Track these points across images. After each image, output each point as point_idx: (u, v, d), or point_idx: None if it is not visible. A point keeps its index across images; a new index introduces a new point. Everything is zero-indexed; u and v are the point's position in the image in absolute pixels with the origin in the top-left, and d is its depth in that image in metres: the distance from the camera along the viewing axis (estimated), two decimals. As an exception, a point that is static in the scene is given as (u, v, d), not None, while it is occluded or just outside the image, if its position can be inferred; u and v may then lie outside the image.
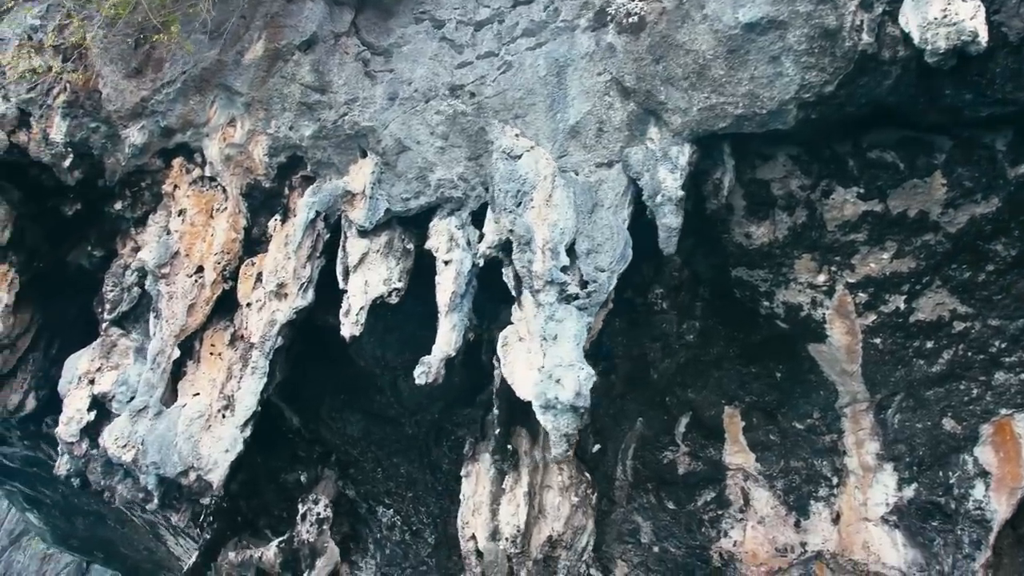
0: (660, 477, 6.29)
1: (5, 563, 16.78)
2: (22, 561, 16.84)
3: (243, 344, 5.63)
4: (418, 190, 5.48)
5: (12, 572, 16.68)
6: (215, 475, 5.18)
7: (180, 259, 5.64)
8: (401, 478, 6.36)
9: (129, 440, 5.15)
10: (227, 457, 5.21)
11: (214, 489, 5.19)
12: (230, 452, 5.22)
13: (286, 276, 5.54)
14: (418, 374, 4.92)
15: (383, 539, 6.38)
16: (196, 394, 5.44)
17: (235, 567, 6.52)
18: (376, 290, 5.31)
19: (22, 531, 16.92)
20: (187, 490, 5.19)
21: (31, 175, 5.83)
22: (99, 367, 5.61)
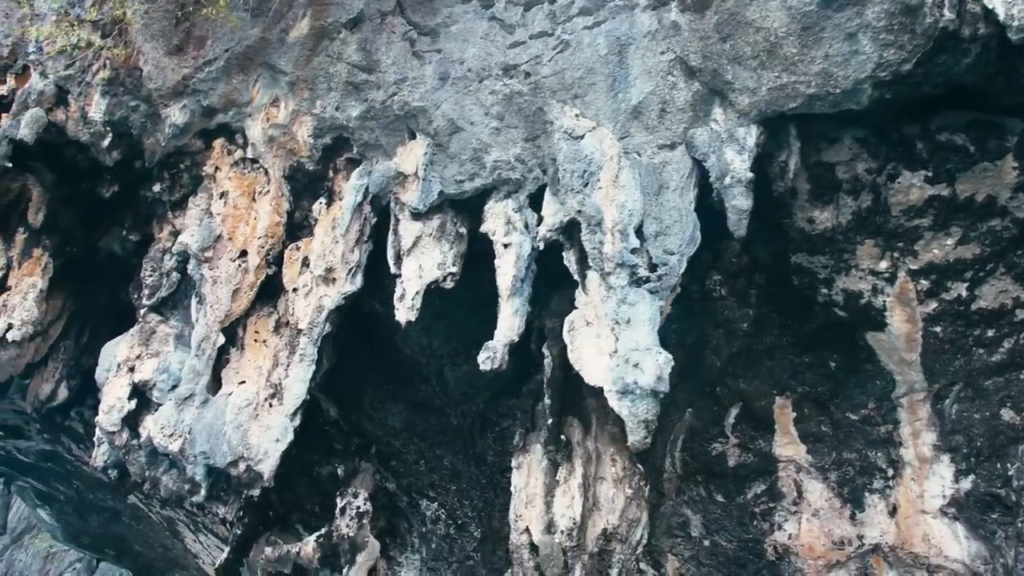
0: (709, 469, 6.09)
1: (7, 562, 16.34)
2: (24, 560, 16.42)
3: (289, 331, 5.38)
4: (473, 172, 5.26)
5: (14, 571, 16.25)
6: (265, 465, 4.92)
7: (223, 243, 5.39)
8: (445, 470, 6.13)
9: (176, 429, 4.89)
10: (278, 447, 4.95)
11: (265, 480, 4.94)
12: (280, 442, 4.96)
13: (334, 260, 5.30)
14: (482, 360, 4.69)
15: (428, 533, 6.14)
16: (242, 382, 5.18)
17: (271, 562, 6.25)
18: (430, 275, 5.08)
19: (24, 529, 16.50)
20: (236, 481, 4.93)
21: (67, 156, 5.55)
22: (138, 354, 5.34)
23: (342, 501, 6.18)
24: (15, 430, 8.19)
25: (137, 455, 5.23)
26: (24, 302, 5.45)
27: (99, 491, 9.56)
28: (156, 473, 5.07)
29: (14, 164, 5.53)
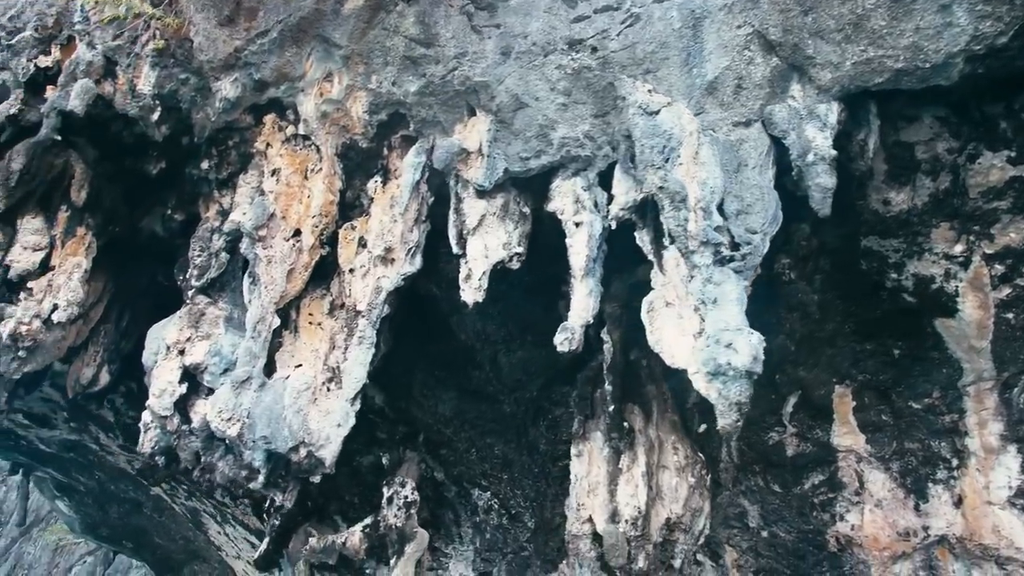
0: (767, 459, 5.88)
1: (15, 555, 15.99)
2: (33, 553, 16.07)
3: (345, 312, 5.13)
4: (539, 149, 5.02)
5: (23, 564, 15.90)
6: (327, 451, 4.67)
7: (276, 222, 5.13)
8: (496, 459, 5.89)
9: (234, 413, 4.63)
10: (339, 432, 4.70)
11: (326, 466, 4.69)
12: (342, 427, 4.72)
13: (393, 240, 5.05)
14: (560, 341, 4.46)
15: (482, 523, 5.90)
16: (298, 365, 4.93)
17: (315, 553, 6.00)
18: (496, 254, 4.85)
19: (33, 522, 16.13)
20: (296, 467, 4.68)
21: (112, 130, 5.28)
22: (188, 337, 5.08)
23: (389, 491, 5.93)
24: (41, 419, 7.89)
25: (188, 440, 4.97)
26: (69, 282, 5.17)
27: (121, 482, 9.27)
28: (212, 459, 4.80)
29: (58, 139, 5.25)
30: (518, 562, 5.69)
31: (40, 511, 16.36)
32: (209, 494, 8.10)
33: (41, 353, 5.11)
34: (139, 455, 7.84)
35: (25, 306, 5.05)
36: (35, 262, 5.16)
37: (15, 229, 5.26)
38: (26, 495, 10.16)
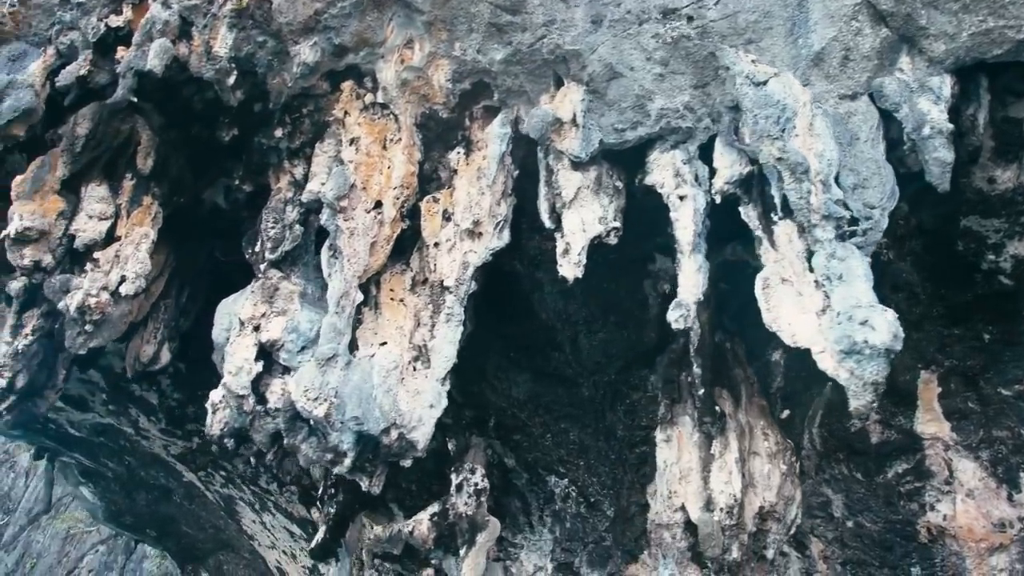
0: (850, 446, 5.66)
1: (23, 544, 15.57)
2: (42, 541, 15.65)
3: (429, 288, 4.86)
4: (635, 120, 4.77)
5: (31, 553, 15.48)
6: (419, 434, 4.40)
7: (357, 192, 4.85)
8: (572, 445, 5.64)
9: (321, 392, 4.34)
10: (432, 413, 4.43)
11: (418, 450, 4.41)
12: (435, 408, 4.44)
13: (481, 213, 4.79)
14: (675, 319, 4.20)
15: (561, 511, 5.64)
16: (383, 343, 4.65)
17: (380, 542, 5.72)
18: (593, 229, 4.59)
19: (41, 510, 15.73)
20: (385, 450, 4.40)
21: (183, 95, 4.97)
22: (263, 313, 4.79)
23: (458, 477, 5.66)
24: (78, 401, 7.56)
25: (264, 421, 4.68)
26: (137, 253, 4.86)
27: (152, 468, 8.94)
28: (294, 441, 4.51)
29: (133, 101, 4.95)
30: (599, 552, 5.44)
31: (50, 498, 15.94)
32: (253, 480, 7.80)
33: (107, 328, 4.80)
34: (178, 439, 7.55)
35: (92, 277, 4.74)
36: (101, 231, 4.84)
37: (79, 197, 4.95)
38: (51, 481, 9.81)
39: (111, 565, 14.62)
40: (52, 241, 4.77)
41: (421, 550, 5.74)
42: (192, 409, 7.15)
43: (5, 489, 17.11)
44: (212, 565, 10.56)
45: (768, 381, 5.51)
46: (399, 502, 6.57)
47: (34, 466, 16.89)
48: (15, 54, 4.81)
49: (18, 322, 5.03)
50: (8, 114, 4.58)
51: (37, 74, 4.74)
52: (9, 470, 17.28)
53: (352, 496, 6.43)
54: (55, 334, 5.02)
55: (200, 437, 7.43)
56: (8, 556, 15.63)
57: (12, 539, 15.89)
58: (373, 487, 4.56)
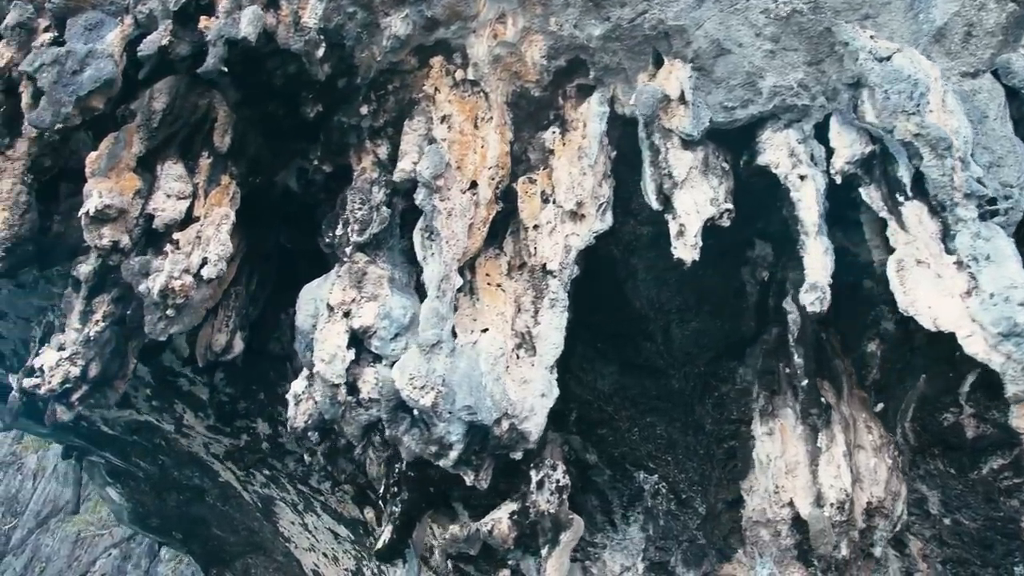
0: (944, 441, 5.40)
1: (32, 547, 15.03)
2: (51, 545, 15.12)
3: (527, 273, 4.58)
4: (746, 98, 4.52)
5: (40, 557, 14.94)
6: (531, 424, 4.11)
7: (451, 172, 4.57)
8: (660, 440, 5.36)
9: (428, 380, 4.04)
10: (544, 403, 4.15)
11: (530, 441, 4.12)
12: (547, 397, 4.16)
13: (583, 195, 4.52)
14: (810, 301, 3.95)
15: (653, 508, 5.35)
16: (484, 330, 4.35)
17: (456, 542, 5.40)
18: (706, 211, 4.31)
19: (49, 512, 15.20)
20: (495, 442, 4.10)
21: (267, 68, 4.67)
22: (353, 298, 4.48)
23: (538, 474, 5.34)
24: (123, 398, 7.17)
25: (357, 413, 4.37)
26: (218, 234, 4.54)
27: (188, 468, 8.56)
28: (396, 432, 4.19)
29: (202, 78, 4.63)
30: (693, 551, 5.16)
31: (58, 501, 15.44)
32: (303, 480, 7.44)
33: (188, 313, 4.47)
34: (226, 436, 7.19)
35: (173, 259, 4.40)
36: (181, 211, 4.52)
37: (154, 176, 4.62)
38: (79, 481, 9.36)
39: (123, 569, 14.15)
40: (129, 221, 4.44)
41: (499, 550, 5.43)
42: (244, 405, 6.80)
43: (12, 491, 16.55)
44: (239, 568, 10.16)
45: (863, 373, 5.27)
46: (464, 501, 6.24)
47: (41, 468, 16.39)
48: (91, 23, 4.48)
49: (87, 308, 4.69)
50: (89, 84, 4.25)
51: (116, 44, 4.41)
52: (16, 472, 16.72)
53: (418, 495, 6.10)
54: (126, 320, 4.68)
55: (249, 434, 7.08)
56: (16, 560, 15.08)
57: (20, 542, 15.34)
58: (480, 481, 4.25)
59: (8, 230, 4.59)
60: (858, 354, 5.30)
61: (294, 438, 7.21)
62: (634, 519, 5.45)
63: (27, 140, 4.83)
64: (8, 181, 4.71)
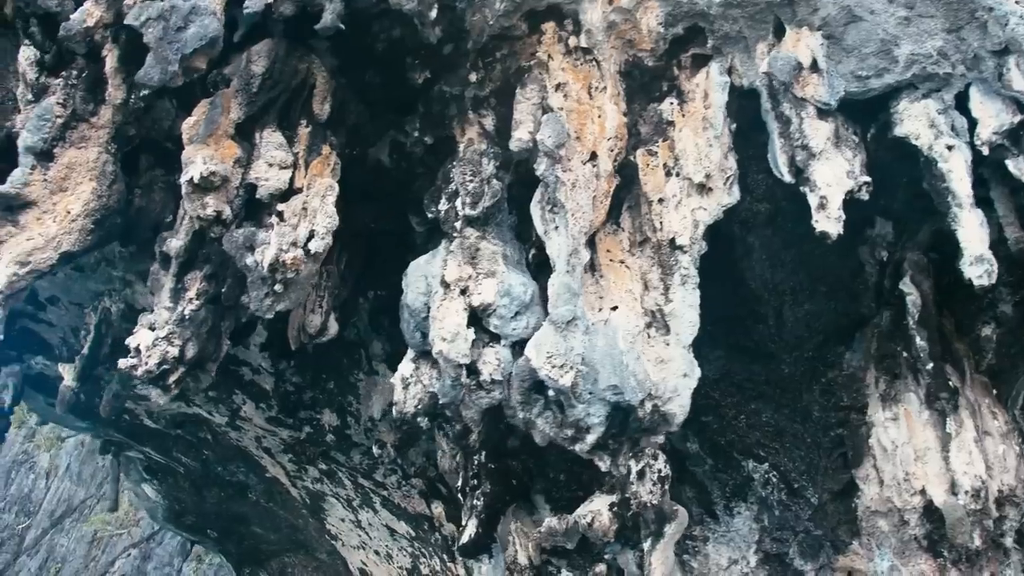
0: (1053, 428, 5.18)
1: (47, 547, 14.47)
2: (66, 545, 14.57)
3: (650, 249, 4.28)
4: (880, 67, 4.24)
5: (55, 557, 14.39)
6: (675, 406, 3.80)
7: (571, 143, 4.25)
8: (767, 427, 5.07)
9: (567, 359, 3.71)
10: (687, 383, 3.84)
11: (673, 424, 3.82)
12: (689, 378, 3.86)
13: (711, 167, 4.22)
14: (977, 274, 3.69)
15: (768, 498, 5.05)
16: (614, 308, 4.04)
17: (553, 536, 5.06)
18: (844, 183, 4.03)
19: (64, 512, 14.64)
20: (636, 424, 3.79)
21: (371, 31, 4.34)
22: (469, 275, 4.15)
23: (638, 463, 5.01)
24: (172, 387, 6.76)
25: (477, 395, 4.03)
26: (324, 206, 4.19)
27: (233, 463, 8.15)
28: (529, 415, 3.87)
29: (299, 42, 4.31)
30: (809, 542, 4.87)
31: (72, 500, 14.88)
32: (367, 474, 7.07)
33: (295, 289, 4.11)
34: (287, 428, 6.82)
35: (280, 232, 4.05)
36: (284, 181, 4.17)
37: (252, 144, 4.27)
38: (117, 478, 8.95)
39: (143, 569, 13.63)
40: (230, 191, 4.08)
41: (597, 544, 5.10)
42: (310, 395, 6.43)
43: (25, 491, 15.97)
44: (275, 568, 9.75)
45: (978, 359, 5.01)
46: (546, 494, 5.94)
47: (54, 467, 15.81)
48: (189, -22, 4.12)
49: (178, 285, 4.32)
50: (193, 43, 3.89)
51: (217, 1, 4.06)
52: (29, 471, 16.14)
53: (502, 488, 5.79)
54: (221, 299, 4.31)
55: (312, 426, 6.71)
56: (31, 560, 14.51)
57: (34, 543, 14.76)
58: (618, 467, 3.94)
59: (97, 200, 4.22)
60: (972, 337, 5.05)
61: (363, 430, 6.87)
62: (739, 510, 5.15)
63: (111, 108, 4.47)
64: (94, 150, 4.34)
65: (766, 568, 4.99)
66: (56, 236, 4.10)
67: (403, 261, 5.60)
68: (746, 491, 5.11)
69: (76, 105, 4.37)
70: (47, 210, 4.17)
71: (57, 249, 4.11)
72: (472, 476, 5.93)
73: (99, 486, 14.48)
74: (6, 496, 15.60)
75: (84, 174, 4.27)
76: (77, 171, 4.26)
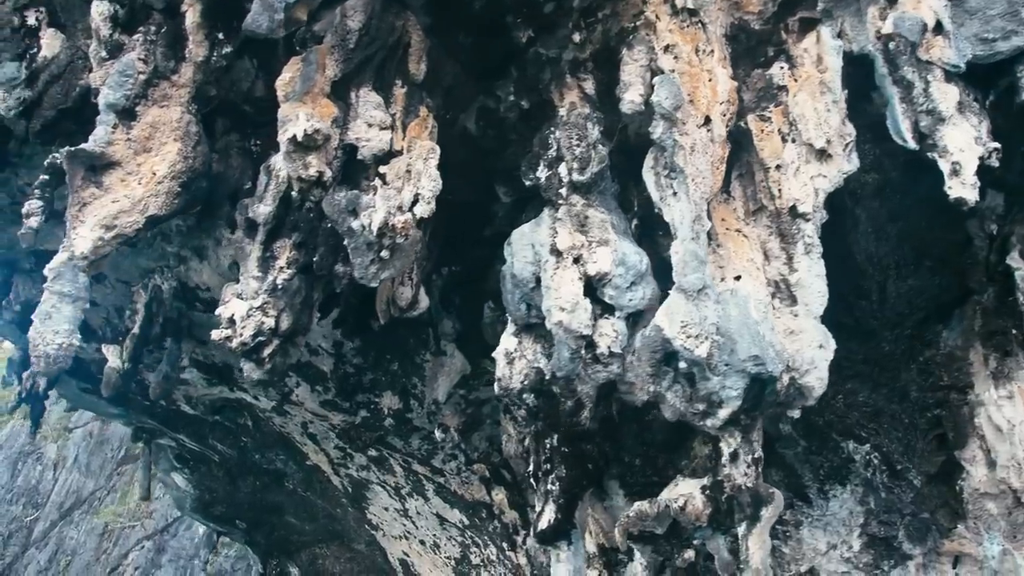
0: None
1: (56, 540, 14.03)
2: (76, 537, 14.14)
3: (767, 217, 4.05)
4: (1008, 29, 4.04)
5: (65, 550, 13.95)
6: (813, 378, 3.58)
7: (685, 106, 4.00)
8: (864, 408, 4.87)
9: (701, 328, 3.48)
10: (823, 355, 3.62)
11: (812, 398, 3.59)
12: (825, 349, 3.64)
13: (830, 132, 3.99)
14: None
15: (872, 481, 4.85)
16: (737, 277, 3.81)
17: (643, 520, 4.84)
18: (974, 149, 3.82)
19: (73, 504, 14.21)
20: (772, 399, 3.56)
21: (471, -14, 4.07)
22: (582, 243, 3.91)
23: (729, 446, 4.80)
24: (221, 370, 6.47)
25: (595, 369, 3.79)
26: (427, 169, 3.92)
27: (272, 450, 7.85)
28: (659, 388, 3.63)
29: None
30: (916, 525, 4.68)
31: (81, 492, 14.44)
32: (425, 460, 6.79)
33: (400, 256, 3.84)
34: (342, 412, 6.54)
35: (384, 195, 3.78)
36: (386, 141, 3.90)
37: (347, 104, 3.99)
38: (149, 466, 8.62)
39: (157, 562, 13.25)
40: (330, 152, 3.80)
41: (688, 528, 4.88)
42: (371, 377, 6.14)
43: (33, 482, 15.51)
44: (304, 559, 9.45)
45: (1075, 335, 4.83)
46: (620, 479, 5.70)
47: (62, 458, 15.35)
48: (284, -75, 3.83)
49: (266, 253, 4.04)
50: (297, -10, 3.61)
51: (316, -50, 3.78)
52: (36, 462, 15.67)
53: (579, 472, 5.54)
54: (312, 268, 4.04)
55: (369, 410, 6.42)
56: (40, 553, 14.06)
57: (43, 535, 14.32)
58: (752, 444, 3.69)
59: (183, 162, 3.93)
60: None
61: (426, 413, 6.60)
62: (835, 493, 4.95)
63: (192, 65, 4.18)
64: (176, 109, 4.05)
65: (871, 552, 4.79)
66: (142, 199, 3.81)
67: (480, 236, 5.35)
68: (844, 473, 4.91)
69: (157, 62, 4.07)
70: (131, 171, 3.88)
71: (143, 212, 3.81)
72: (544, 460, 5.69)
73: (108, 478, 14.09)
74: (13, 488, 15.14)
75: (168, 134, 3.97)
76: (161, 131, 3.97)
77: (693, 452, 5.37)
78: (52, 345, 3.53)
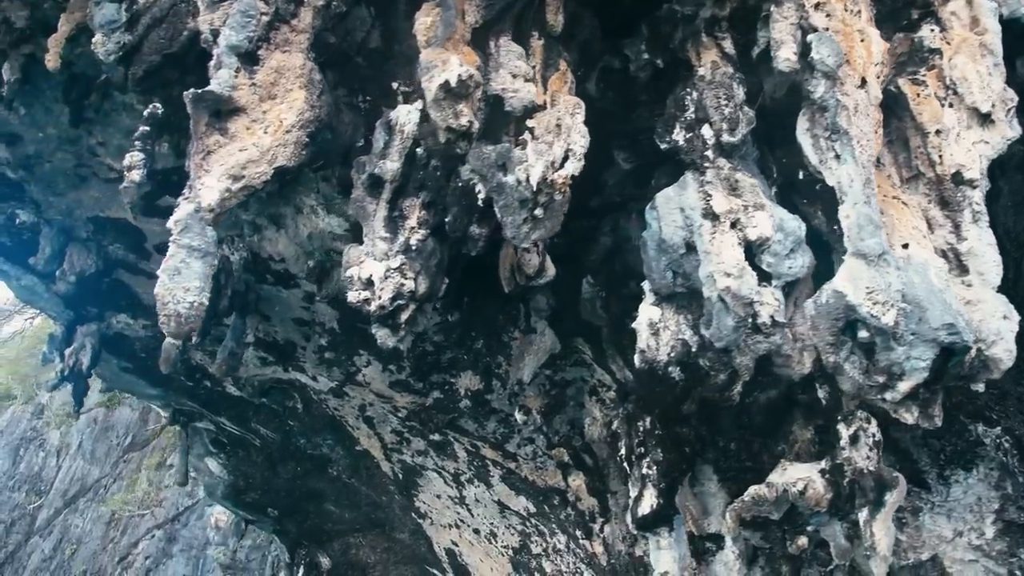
0: None
1: (60, 528, 13.45)
2: (81, 526, 13.58)
3: (923, 185, 3.82)
4: None
5: (69, 538, 13.39)
6: (1000, 350, 3.35)
7: (843, 67, 3.75)
8: (991, 390, 4.65)
9: (887, 295, 3.23)
10: (1008, 326, 3.39)
11: (999, 370, 3.36)
12: (1010, 320, 3.41)
13: (993, 96, 3.77)
14: None
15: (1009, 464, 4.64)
16: (905, 245, 3.57)
17: (759, 505, 4.61)
18: None
19: (78, 492, 13.65)
20: (955, 371, 3.32)
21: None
22: (738, 207, 3.64)
23: (849, 428, 4.58)
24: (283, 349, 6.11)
25: (755, 340, 3.53)
26: (576, 124, 3.62)
27: (320, 435, 7.48)
28: (837, 359, 3.38)
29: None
30: None
31: (86, 479, 13.88)
32: (499, 445, 6.48)
33: (552, 216, 3.54)
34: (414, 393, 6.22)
35: (536, 149, 3.48)
36: (534, 93, 3.59)
37: (486, 53, 3.68)
38: (186, 450, 8.19)
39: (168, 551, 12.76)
40: (474, 102, 3.49)
41: (805, 513, 4.65)
42: (450, 356, 5.80)
43: (35, 469, 14.88)
44: (336, 548, 9.09)
45: None
46: (714, 464, 5.46)
47: (65, 444, 14.74)
48: None
49: (393, 213, 3.71)
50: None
51: None
52: (39, 448, 15.05)
53: (676, 455, 5.30)
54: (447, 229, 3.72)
55: (443, 391, 6.09)
56: (44, 541, 13.49)
57: (47, 523, 13.74)
58: (932, 418, 3.44)
59: (311, 111, 3.59)
60: None
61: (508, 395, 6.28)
62: (956, 478, 4.75)
63: (311, 10, 3.84)
64: (298, 56, 3.71)
65: (1006, 539, 4.60)
66: (271, 148, 3.47)
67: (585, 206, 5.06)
68: (970, 457, 4.71)
69: (279, 4, 3.73)
70: (256, 119, 3.53)
71: (272, 163, 3.47)
72: (638, 444, 5.44)
73: (114, 465, 13.52)
74: (15, 475, 14.49)
75: (293, 81, 3.63)
76: (286, 77, 3.62)
77: (792, 436, 5.14)
78: (184, 303, 3.18)
